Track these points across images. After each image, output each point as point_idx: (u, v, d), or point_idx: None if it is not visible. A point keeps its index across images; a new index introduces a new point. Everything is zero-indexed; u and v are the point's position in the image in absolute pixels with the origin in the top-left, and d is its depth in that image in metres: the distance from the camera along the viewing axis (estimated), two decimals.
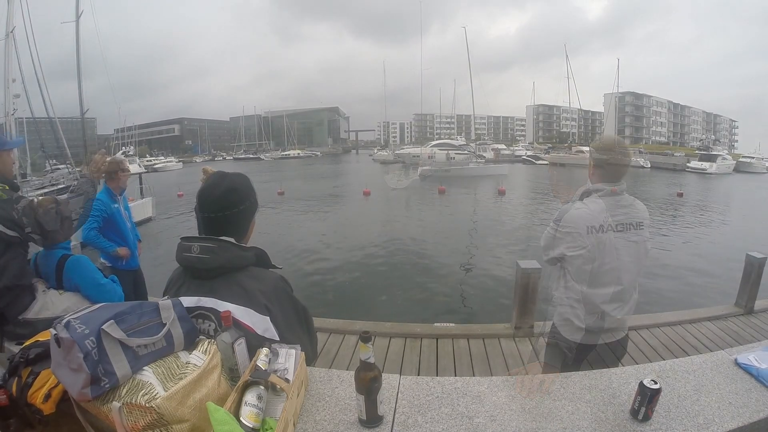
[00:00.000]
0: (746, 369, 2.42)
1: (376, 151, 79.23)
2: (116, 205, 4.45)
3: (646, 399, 1.80)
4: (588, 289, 2.40)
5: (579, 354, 2.58)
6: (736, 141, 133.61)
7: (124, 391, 1.25)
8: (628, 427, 1.80)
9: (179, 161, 72.96)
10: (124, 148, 62.42)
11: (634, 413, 1.85)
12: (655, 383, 1.81)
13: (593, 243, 2.31)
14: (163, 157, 74.34)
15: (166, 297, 1.66)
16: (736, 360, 2.52)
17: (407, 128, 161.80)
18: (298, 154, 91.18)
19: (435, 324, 5.50)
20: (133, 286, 4.68)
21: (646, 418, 1.83)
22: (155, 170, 59.55)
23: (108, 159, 3.06)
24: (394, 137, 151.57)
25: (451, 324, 5.50)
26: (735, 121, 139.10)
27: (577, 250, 2.33)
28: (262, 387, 1.44)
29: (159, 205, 22.33)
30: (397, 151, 68.27)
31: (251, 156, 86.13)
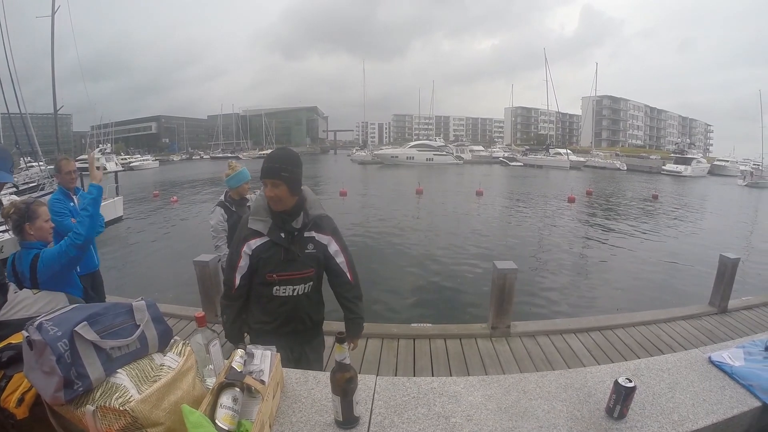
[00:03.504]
0: (720, 367, 2.49)
1: (354, 151, 78.86)
2: (72, 204, 4.39)
3: (621, 397, 1.84)
4: None
5: None
6: (711, 144, 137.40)
7: (98, 394, 1.24)
8: (604, 425, 1.83)
9: (156, 159, 71.80)
10: (101, 145, 61.34)
11: (609, 411, 1.88)
12: (630, 381, 1.84)
13: None
14: (139, 156, 73.07)
15: None
16: (710, 358, 2.58)
17: (386, 129, 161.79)
18: None
19: (412, 324, 5.51)
20: (92, 288, 4.57)
21: (622, 416, 1.87)
22: (131, 168, 58.63)
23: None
24: (373, 138, 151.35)
25: (428, 324, 5.51)
26: (710, 126, 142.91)
27: None
28: (238, 389, 1.43)
29: (133, 205, 22.06)
30: (375, 152, 68.19)
31: (229, 155, 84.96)
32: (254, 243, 2.31)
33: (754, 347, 2.75)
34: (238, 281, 2.38)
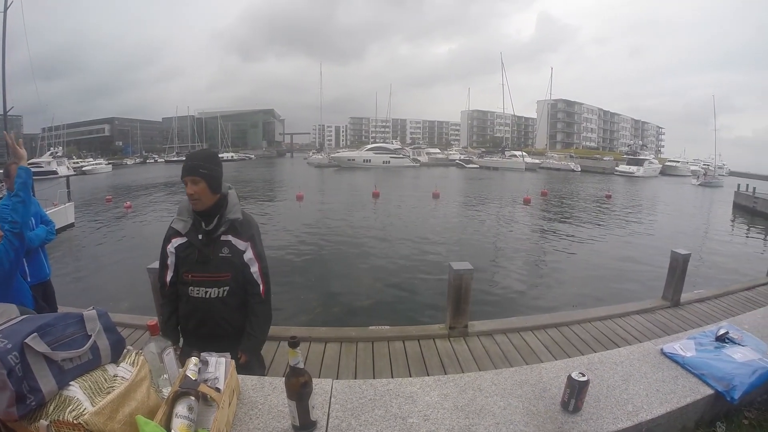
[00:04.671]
0: (672, 358, 2.60)
1: (311, 154, 78.23)
2: None
3: (575, 391, 1.91)
4: None
5: None
6: (663, 146, 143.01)
7: (51, 408, 1.22)
8: (559, 419, 1.89)
9: (109, 163, 69.41)
10: (52, 148, 59.07)
11: (564, 405, 1.95)
12: (583, 376, 1.91)
13: None
14: (92, 159, 70.53)
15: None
16: (662, 350, 2.69)
17: (343, 132, 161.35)
18: (232, 157, 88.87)
19: (370, 327, 5.52)
20: (43, 298, 4.40)
21: (577, 409, 1.94)
22: (84, 173, 56.57)
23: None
24: (330, 140, 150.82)
25: (386, 326, 5.53)
26: (662, 128, 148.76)
27: None
28: (193, 397, 1.42)
29: (85, 211, 21.39)
30: (332, 155, 67.92)
31: (184, 158, 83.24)
32: (176, 242, 2.39)
33: (705, 338, 2.88)
34: (168, 279, 2.45)
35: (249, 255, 2.44)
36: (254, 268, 2.46)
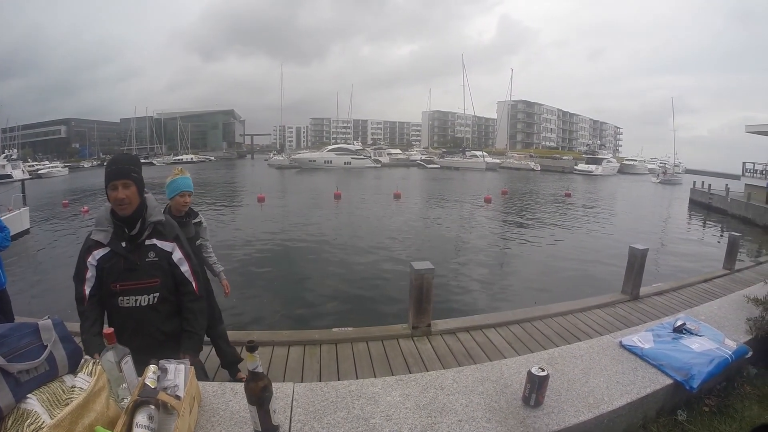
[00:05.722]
0: (631, 350, 2.69)
1: (272, 155, 77.44)
2: None
3: (536, 386, 1.97)
4: None
5: None
6: (621, 145, 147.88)
7: (10, 422, 1.21)
8: (521, 414, 1.94)
9: (65, 166, 67.09)
10: (6, 151, 56.87)
11: (526, 400, 2.01)
12: (543, 370, 1.97)
13: None
14: (48, 162, 68.14)
15: None
16: (620, 342, 2.79)
17: (304, 133, 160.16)
18: (192, 158, 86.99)
19: (333, 329, 5.50)
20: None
21: (538, 403, 2.00)
22: (39, 176, 54.64)
23: None
24: (291, 142, 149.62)
25: (349, 328, 5.52)
26: (620, 128, 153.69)
27: None
28: (153, 406, 1.41)
29: (41, 216, 20.74)
30: (293, 156, 67.45)
31: (143, 161, 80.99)
32: (98, 253, 2.28)
33: (663, 329, 2.99)
34: (87, 293, 2.31)
35: (177, 255, 2.41)
36: (184, 267, 2.43)
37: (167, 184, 3.64)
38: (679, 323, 3.03)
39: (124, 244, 2.28)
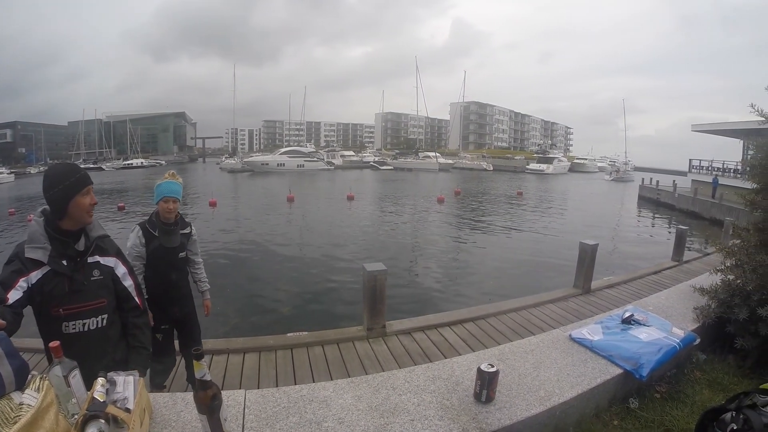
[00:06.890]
0: (580, 342, 2.80)
1: (224, 159, 75.98)
2: None
3: (486, 382, 2.03)
4: None
5: None
6: (571, 145, 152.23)
7: None
8: (473, 410, 2.00)
9: (11, 172, 63.89)
10: None
11: (477, 397, 2.07)
12: (492, 366, 2.04)
13: None
14: None
15: None
16: (570, 335, 2.89)
17: (256, 135, 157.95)
18: (142, 163, 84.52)
19: (288, 334, 5.47)
20: None
21: (489, 399, 2.06)
22: None
23: None
24: (243, 145, 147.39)
25: (304, 332, 5.50)
26: (570, 128, 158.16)
27: None
28: (103, 420, 1.40)
29: None
30: (245, 159, 66.42)
31: (92, 165, 77.45)
32: (35, 276, 1.96)
33: (612, 321, 3.11)
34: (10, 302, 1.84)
35: (121, 270, 2.25)
36: (128, 282, 2.26)
37: (155, 187, 3.50)
38: (627, 315, 3.15)
39: (65, 262, 2.03)
